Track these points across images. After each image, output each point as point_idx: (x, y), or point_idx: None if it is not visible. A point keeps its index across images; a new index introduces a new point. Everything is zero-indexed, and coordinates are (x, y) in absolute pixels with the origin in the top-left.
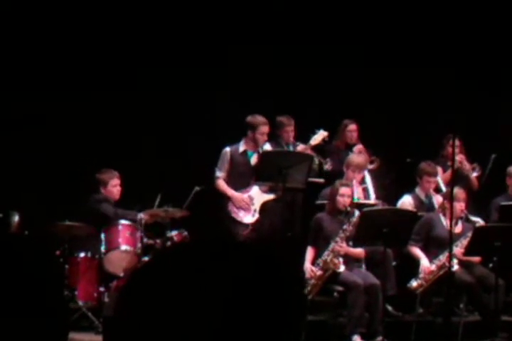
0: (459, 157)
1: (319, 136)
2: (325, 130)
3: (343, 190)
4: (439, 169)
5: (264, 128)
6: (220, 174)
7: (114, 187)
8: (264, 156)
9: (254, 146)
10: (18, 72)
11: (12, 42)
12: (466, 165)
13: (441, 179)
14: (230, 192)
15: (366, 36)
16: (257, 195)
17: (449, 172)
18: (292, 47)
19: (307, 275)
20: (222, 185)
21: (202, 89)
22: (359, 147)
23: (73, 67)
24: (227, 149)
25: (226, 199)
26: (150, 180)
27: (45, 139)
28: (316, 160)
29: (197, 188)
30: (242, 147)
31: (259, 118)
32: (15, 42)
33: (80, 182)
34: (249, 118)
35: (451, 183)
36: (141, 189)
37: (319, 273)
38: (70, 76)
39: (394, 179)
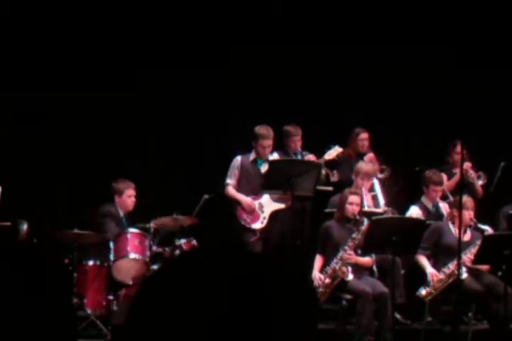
0: (465, 165)
1: (334, 151)
2: (340, 146)
3: (352, 198)
4: (444, 176)
5: (265, 142)
6: (230, 181)
7: (128, 197)
8: (272, 165)
9: (261, 156)
10: (24, 74)
11: (17, 42)
12: (472, 174)
13: (446, 186)
14: (240, 196)
15: (375, 38)
16: (268, 203)
17: (453, 179)
18: (297, 47)
19: (315, 283)
20: (232, 191)
21: (210, 93)
22: (370, 156)
23: (78, 70)
24: (238, 158)
25: (236, 206)
26: (159, 188)
27: (53, 147)
28: (323, 171)
29: (206, 196)
30: (252, 155)
31: (262, 131)
32: (20, 42)
33: (90, 191)
34: (255, 129)
35: (459, 191)
36: (151, 197)
37: (327, 281)
38: (73, 80)
39: (402, 187)
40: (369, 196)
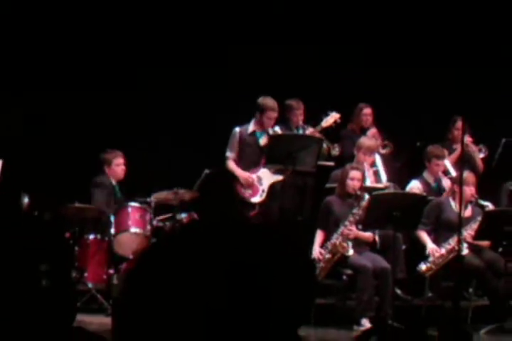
0: (466, 139)
1: (331, 118)
2: (338, 113)
3: (353, 173)
4: (445, 152)
5: (272, 114)
6: (230, 154)
7: (117, 166)
8: (273, 139)
9: (262, 127)
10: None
11: (17, 42)
12: (472, 147)
13: (449, 162)
14: (238, 171)
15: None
16: (266, 176)
17: (454, 154)
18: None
19: (315, 258)
20: (231, 165)
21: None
22: (373, 131)
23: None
24: (237, 129)
25: (235, 180)
26: (160, 162)
27: (56, 120)
28: (325, 145)
29: (207, 170)
30: (251, 127)
31: (269, 102)
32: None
33: (92, 165)
34: (260, 100)
35: (460, 167)
36: (152, 171)
37: (328, 256)
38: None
39: (405, 162)
40: (371, 171)
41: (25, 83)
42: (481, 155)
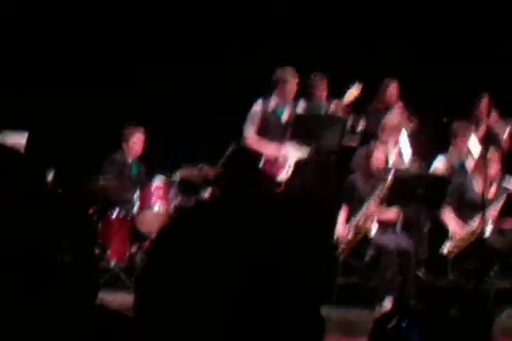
0: (492, 116)
1: (354, 90)
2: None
3: (377, 152)
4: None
5: (292, 85)
6: (250, 131)
7: (135, 143)
8: (298, 119)
9: (284, 100)
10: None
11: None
12: (497, 123)
13: (475, 139)
14: (264, 147)
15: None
16: (291, 152)
17: (480, 131)
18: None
19: (339, 235)
20: (254, 143)
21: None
22: (399, 104)
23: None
24: (259, 102)
25: (259, 157)
26: (185, 138)
27: (78, 97)
28: (350, 121)
29: (233, 146)
30: (273, 102)
31: (289, 75)
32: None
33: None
34: (278, 72)
35: (484, 145)
36: (177, 148)
37: (351, 236)
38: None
39: (430, 137)
40: (394, 151)
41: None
42: (507, 130)
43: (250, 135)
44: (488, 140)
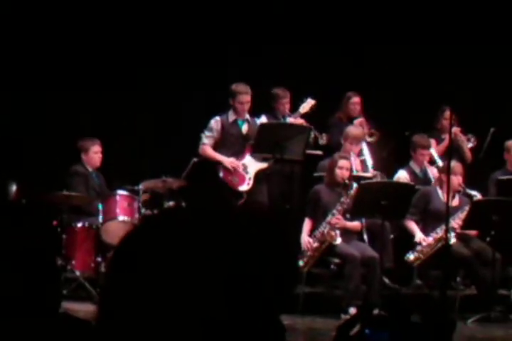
0: (454, 129)
1: (307, 104)
2: (313, 99)
3: (342, 162)
4: (433, 141)
5: (243, 98)
6: (207, 141)
7: (95, 154)
8: (262, 128)
9: (240, 115)
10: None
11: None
12: (461, 136)
13: (435, 151)
14: (220, 156)
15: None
16: (251, 163)
17: (442, 144)
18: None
19: (304, 246)
20: (209, 151)
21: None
22: (360, 120)
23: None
24: (218, 118)
25: (218, 166)
26: (148, 151)
27: (42, 108)
28: (312, 134)
29: (195, 159)
30: (231, 116)
31: (240, 87)
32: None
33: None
34: (232, 86)
35: (448, 156)
36: (139, 160)
37: (316, 244)
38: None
39: (392, 151)
40: (358, 160)
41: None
42: (470, 145)
43: (205, 144)
44: (451, 152)
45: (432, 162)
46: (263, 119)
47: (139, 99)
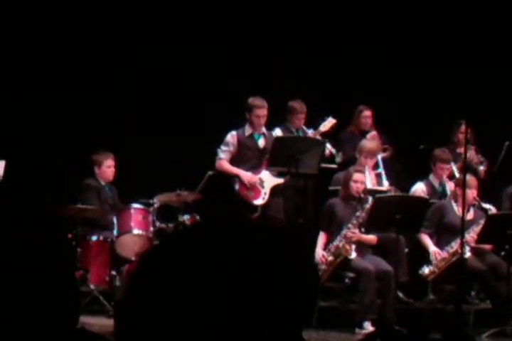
0: (470, 149)
1: (328, 123)
2: (334, 117)
3: (357, 176)
4: None
5: (260, 112)
6: (223, 156)
7: (108, 168)
8: (277, 142)
9: (257, 129)
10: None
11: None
12: (475, 158)
13: (455, 166)
14: (237, 170)
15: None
16: (267, 178)
17: (459, 158)
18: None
19: (318, 260)
20: (226, 165)
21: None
22: (373, 134)
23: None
24: (234, 133)
25: (235, 182)
26: (163, 164)
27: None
28: (327, 150)
29: (210, 172)
30: (247, 130)
31: (257, 101)
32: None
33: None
34: (249, 100)
35: (463, 170)
36: (155, 173)
37: (330, 258)
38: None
39: (406, 165)
40: (373, 174)
41: (19, 83)
42: (482, 168)
43: (222, 160)
44: (466, 166)
45: (452, 177)
46: (278, 132)
47: (154, 112)
